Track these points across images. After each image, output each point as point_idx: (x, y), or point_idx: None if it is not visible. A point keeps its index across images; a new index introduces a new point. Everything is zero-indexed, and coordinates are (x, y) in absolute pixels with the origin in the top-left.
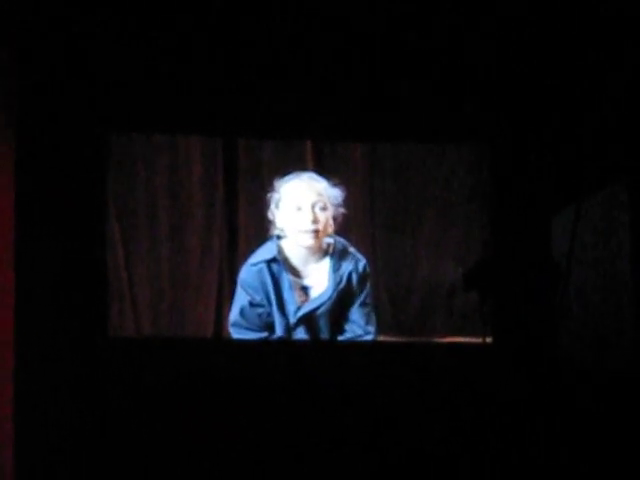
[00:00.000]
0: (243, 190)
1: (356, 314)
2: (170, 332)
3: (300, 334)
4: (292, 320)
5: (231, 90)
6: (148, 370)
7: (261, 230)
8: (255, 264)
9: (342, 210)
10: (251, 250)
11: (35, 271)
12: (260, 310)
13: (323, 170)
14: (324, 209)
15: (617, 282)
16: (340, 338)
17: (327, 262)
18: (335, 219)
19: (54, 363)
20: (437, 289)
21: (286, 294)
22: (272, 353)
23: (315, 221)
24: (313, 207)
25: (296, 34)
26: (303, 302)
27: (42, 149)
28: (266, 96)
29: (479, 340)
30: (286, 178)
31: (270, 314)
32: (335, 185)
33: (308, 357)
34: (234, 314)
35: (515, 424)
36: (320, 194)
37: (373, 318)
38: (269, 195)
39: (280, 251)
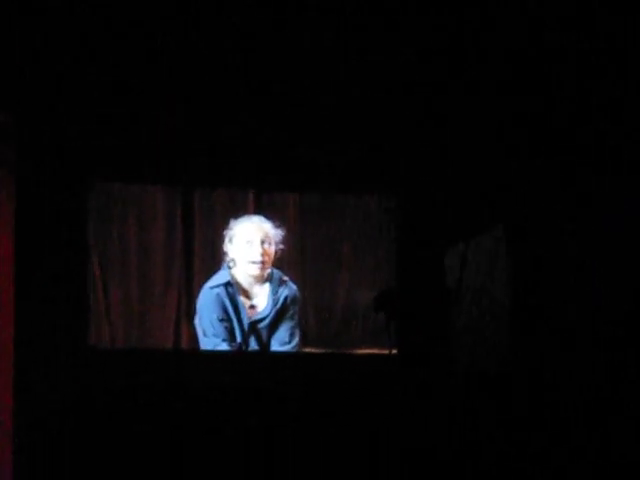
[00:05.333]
0: (198, 231)
1: (283, 330)
2: (138, 344)
3: (252, 342)
4: (246, 329)
5: (189, 150)
6: (121, 375)
7: (213, 263)
8: (213, 287)
9: (282, 246)
10: (204, 278)
11: (32, 293)
12: (225, 324)
13: (262, 213)
14: (270, 245)
15: (496, 305)
16: (275, 347)
17: (267, 287)
18: (275, 253)
19: (47, 368)
20: (353, 310)
21: (241, 310)
22: (224, 361)
23: (263, 254)
24: (262, 243)
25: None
26: (252, 316)
27: (37, 198)
28: (218, 154)
29: (386, 352)
30: (239, 219)
31: (231, 326)
32: (277, 226)
33: (251, 364)
34: (207, 328)
35: (416, 421)
36: (267, 233)
37: (297, 333)
38: (225, 232)
39: (232, 277)
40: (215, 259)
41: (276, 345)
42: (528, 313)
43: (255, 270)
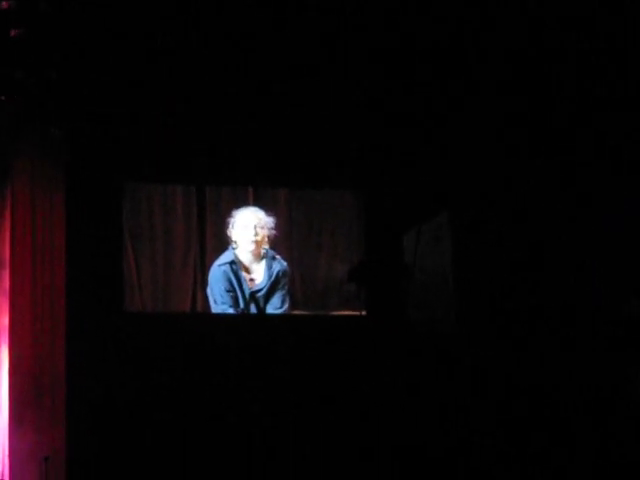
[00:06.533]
0: (209, 220)
1: (276, 297)
2: (162, 309)
3: (252, 307)
4: (247, 298)
5: (200, 156)
6: (150, 333)
7: (220, 245)
8: (221, 265)
9: (273, 231)
10: (214, 257)
11: (79, 271)
12: (231, 294)
13: (259, 205)
14: (262, 228)
15: (442, 278)
16: (270, 311)
17: (264, 264)
18: (269, 237)
19: (91, 328)
20: (331, 281)
21: (243, 283)
22: (230, 322)
23: (256, 234)
24: (255, 226)
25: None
26: (252, 287)
27: (83, 194)
28: (224, 158)
29: (357, 313)
30: (239, 210)
31: (236, 295)
32: (268, 215)
33: (252, 324)
34: (217, 297)
35: (380, 364)
36: (260, 219)
37: (287, 299)
38: (227, 220)
39: (235, 256)
40: (222, 241)
41: (271, 309)
42: (466, 280)
43: (251, 246)
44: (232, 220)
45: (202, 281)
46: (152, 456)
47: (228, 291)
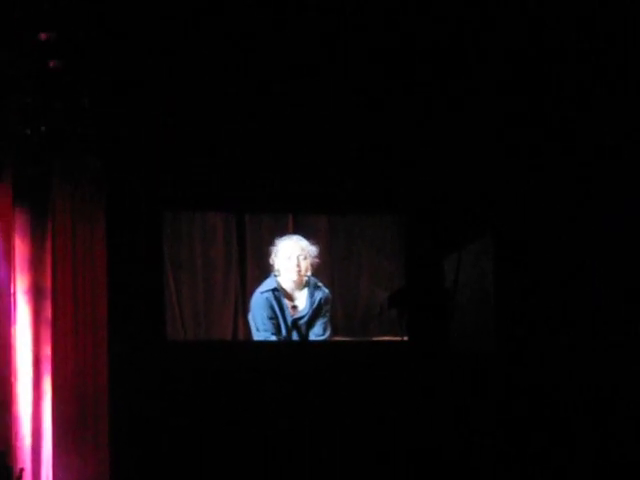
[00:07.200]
0: (249, 247)
1: (319, 325)
2: (204, 337)
3: (294, 335)
4: (289, 325)
5: (241, 184)
6: (191, 361)
7: (261, 272)
8: (263, 292)
9: (317, 260)
10: (256, 284)
11: (120, 300)
12: (273, 321)
13: (299, 232)
14: (305, 258)
15: (484, 302)
16: (312, 338)
17: (306, 291)
18: (312, 265)
19: (135, 356)
20: (372, 307)
21: (285, 310)
22: (272, 349)
23: (298, 265)
24: (298, 257)
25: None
26: (294, 315)
27: (123, 225)
28: (263, 187)
29: (399, 338)
30: (282, 238)
31: (278, 322)
32: (312, 244)
33: (294, 352)
34: (259, 324)
35: (421, 389)
36: (303, 249)
37: (329, 327)
38: (270, 248)
39: (278, 284)
40: (263, 269)
41: (313, 337)
42: (509, 304)
43: (294, 276)
44: (275, 249)
45: (243, 308)
46: None
47: (270, 318)
